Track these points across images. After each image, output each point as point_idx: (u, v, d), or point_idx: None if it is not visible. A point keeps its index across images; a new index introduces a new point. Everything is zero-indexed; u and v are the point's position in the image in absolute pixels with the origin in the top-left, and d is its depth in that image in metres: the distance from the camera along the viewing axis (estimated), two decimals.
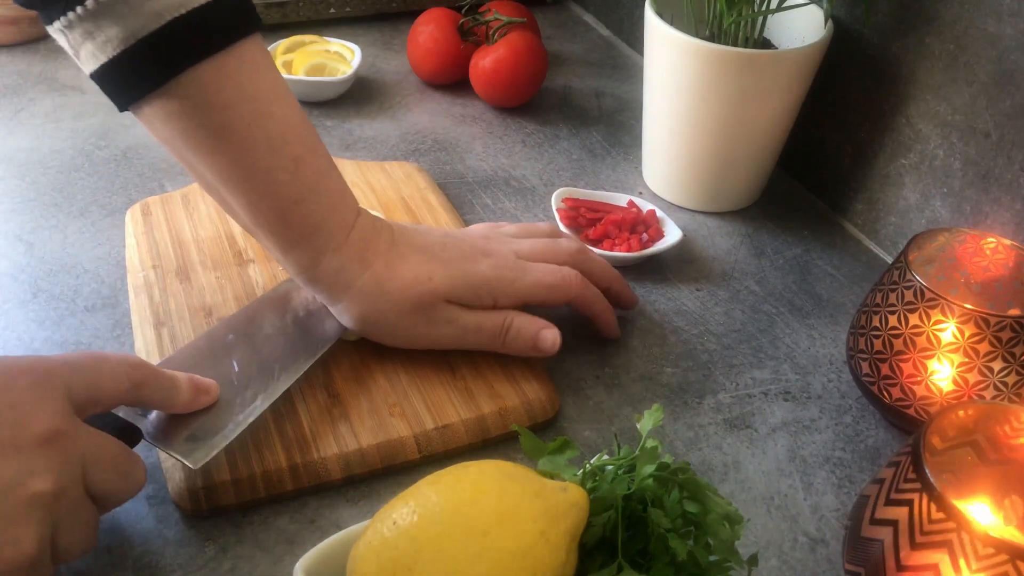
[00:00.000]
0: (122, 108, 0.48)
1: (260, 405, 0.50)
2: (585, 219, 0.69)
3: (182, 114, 0.47)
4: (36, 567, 0.38)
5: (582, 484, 0.41)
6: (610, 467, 0.42)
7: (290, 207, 0.50)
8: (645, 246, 0.67)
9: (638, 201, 0.71)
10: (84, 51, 0.46)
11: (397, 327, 0.54)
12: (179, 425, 0.48)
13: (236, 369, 0.52)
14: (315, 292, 0.54)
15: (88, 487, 0.41)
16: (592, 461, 0.43)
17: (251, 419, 0.49)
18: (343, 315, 0.54)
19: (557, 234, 0.62)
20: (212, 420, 0.48)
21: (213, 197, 0.52)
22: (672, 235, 0.68)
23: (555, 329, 0.56)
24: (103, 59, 0.46)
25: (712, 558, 0.40)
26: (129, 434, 0.46)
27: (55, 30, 0.46)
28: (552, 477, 0.41)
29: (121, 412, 0.47)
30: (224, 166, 0.48)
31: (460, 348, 0.56)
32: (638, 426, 0.43)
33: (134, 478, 0.43)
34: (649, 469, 0.40)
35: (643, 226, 0.69)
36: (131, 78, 0.46)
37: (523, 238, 0.60)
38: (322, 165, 0.52)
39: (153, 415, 0.48)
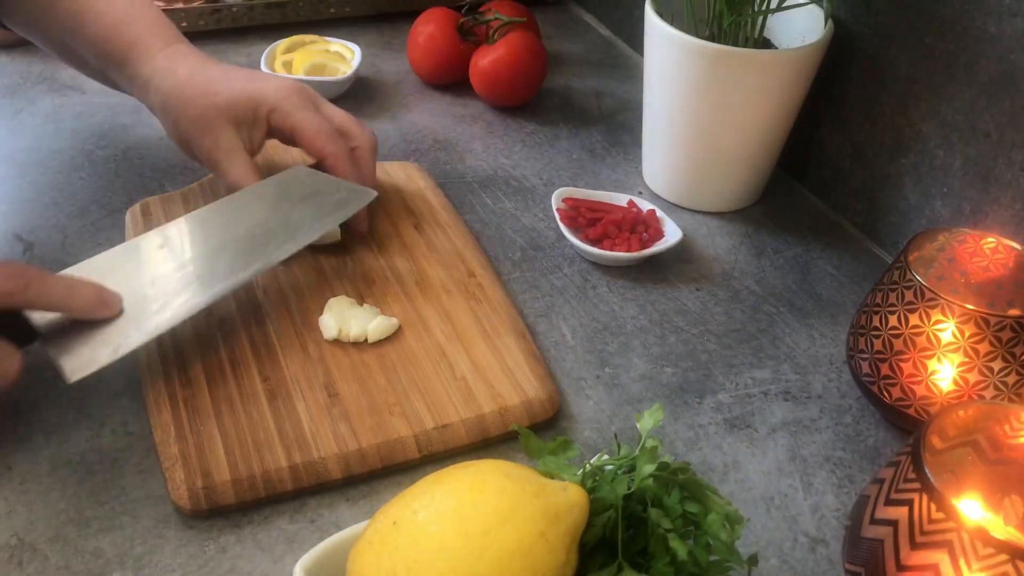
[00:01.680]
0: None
1: (153, 331, 0.50)
2: (585, 219, 0.69)
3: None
4: None
5: (582, 484, 0.41)
6: (610, 467, 0.42)
7: (111, 30, 0.63)
8: (645, 246, 0.67)
9: (638, 201, 0.71)
10: None
11: (177, 125, 0.62)
12: (79, 334, 0.49)
13: (152, 285, 0.52)
14: (143, 99, 0.64)
15: None
16: (592, 461, 0.43)
17: (140, 342, 0.50)
18: (155, 107, 0.64)
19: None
20: (109, 335, 0.49)
21: (72, 63, 0.67)
22: (672, 235, 0.68)
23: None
24: None
25: (712, 558, 0.40)
26: (24, 332, 0.48)
27: None
28: (552, 477, 0.41)
29: (40, 318, 0.48)
30: (62, 14, 0.63)
31: (216, 172, 0.62)
32: (638, 426, 0.43)
33: (3, 369, 0.46)
34: (649, 469, 0.40)
35: (643, 226, 0.69)
36: None
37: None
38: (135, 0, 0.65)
39: (59, 320, 0.49)
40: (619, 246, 0.67)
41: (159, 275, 0.53)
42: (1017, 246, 0.54)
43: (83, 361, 0.48)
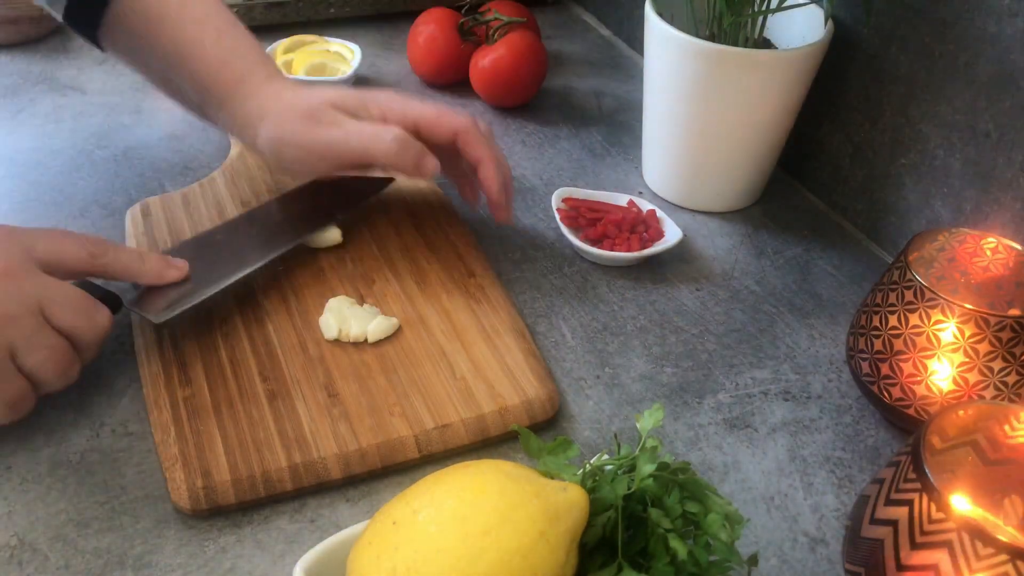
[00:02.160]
0: (96, 42, 0.62)
1: (224, 283, 0.58)
2: (585, 219, 0.69)
3: (128, 14, 0.60)
4: None
5: (582, 484, 0.41)
6: (610, 467, 0.42)
7: (218, 68, 0.61)
8: (645, 246, 0.67)
9: (638, 201, 0.71)
10: (55, 5, 0.60)
11: (295, 133, 0.59)
12: (157, 297, 0.55)
13: (217, 254, 0.60)
14: (244, 135, 0.62)
15: (52, 323, 0.48)
16: (592, 461, 0.43)
17: (214, 291, 0.57)
18: (263, 140, 0.61)
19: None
20: (184, 294, 0.56)
21: (169, 93, 0.65)
22: (672, 235, 0.68)
23: (435, 159, 0.59)
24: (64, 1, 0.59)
25: (712, 558, 0.40)
26: (109, 301, 0.53)
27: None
28: (552, 477, 0.41)
29: (115, 290, 0.54)
30: (166, 46, 0.61)
31: (348, 154, 0.59)
32: (638, 426, 0.43)
33: (96, 319, 0.50)
34: (649, 469, 0.40)
35: (643, 226, 0.69)
36: (86, 5, 0.60)
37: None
38: (240, 35, 0.63)
39: (136, 290, 0.55)
40: (619, 246, 0.67)
41: (220, 249, 0.61)
42: (1017, 246, 0.54)
43: (165, 309, 0.55)
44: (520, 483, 0.39)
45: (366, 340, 0.57)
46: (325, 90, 0.61)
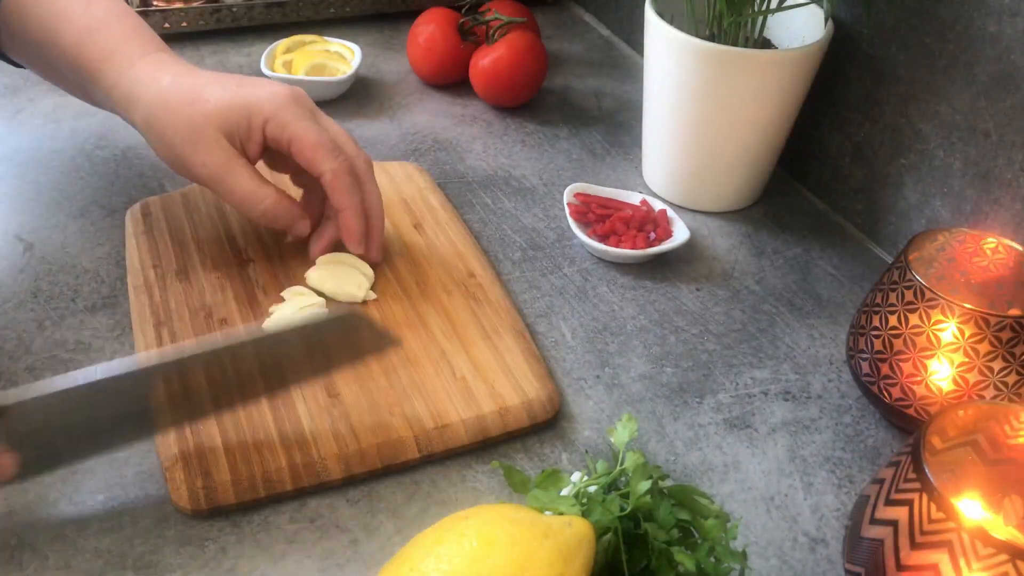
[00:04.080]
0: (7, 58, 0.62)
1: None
2: (594, 215, 0.69)
3: (5, 13, 0.59)
4: None
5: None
6: (593, 487, 0.42)
7: (86, 35, 0.58)
8: (650, 245, 0.67)
9: (651, 200, 0.71)
10: None
11: (172, 148, 0.56)
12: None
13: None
14: (121, 114, 0.60)
15: None
16: (574, 479, 0.43)
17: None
18: (141, 127, 0.58)
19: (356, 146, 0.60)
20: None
21: (56, 81, 0.63)
22: (679, 235, 0.68)
23: (308, 223, 0.59)
24: None
25: (711, 560, 0.40)
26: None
27: None
28: (543, 510, 0.41)
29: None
30: (36, 28, 0.59)
31: (218, 191, 0.57)
32: (612, 440, 0.42)
33: None
34: (645, 487, 0.40)
35: (652, 225, 0.69)
36: None
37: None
38: (114, 7, 0.60)
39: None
40: (624, 243, 0.67)
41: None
42: (1017, 246, 0.54)
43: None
44: (527, 527, 0.38)
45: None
46: (209, 90, 0.56)
